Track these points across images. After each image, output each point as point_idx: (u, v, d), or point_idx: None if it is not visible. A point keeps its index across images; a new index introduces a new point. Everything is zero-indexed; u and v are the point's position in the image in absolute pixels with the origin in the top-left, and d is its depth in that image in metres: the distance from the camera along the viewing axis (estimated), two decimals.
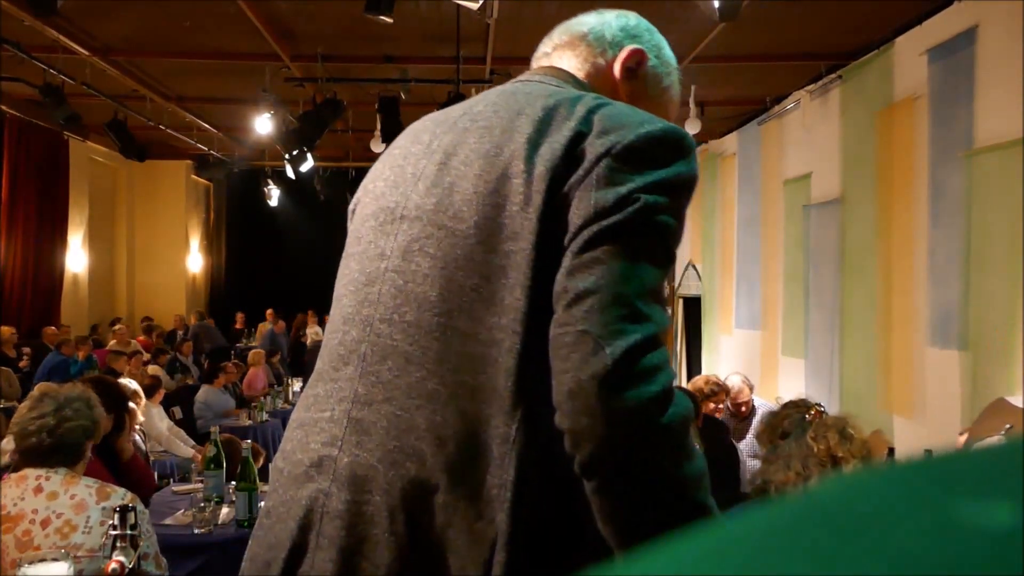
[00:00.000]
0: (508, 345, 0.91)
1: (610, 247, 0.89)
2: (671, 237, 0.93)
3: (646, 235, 0.91)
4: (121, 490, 2.34)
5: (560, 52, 1.19)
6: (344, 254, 1.12)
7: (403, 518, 0.91)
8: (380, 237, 1.05)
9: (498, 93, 1.09)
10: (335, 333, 1.06)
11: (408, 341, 0.97)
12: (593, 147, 0.93)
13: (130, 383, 5.22)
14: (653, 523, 0.85)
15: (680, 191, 0.95)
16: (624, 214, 0.89)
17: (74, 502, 2.25)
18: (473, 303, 0.94)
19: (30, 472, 2.29)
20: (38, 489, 2.26)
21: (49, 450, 2.31)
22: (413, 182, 1.04)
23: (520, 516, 0.88)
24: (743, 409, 5.26)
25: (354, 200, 1.17)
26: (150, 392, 6.14)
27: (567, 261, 0.90)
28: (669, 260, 0.93)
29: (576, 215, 0.91)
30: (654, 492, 0.86)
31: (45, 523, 2.21)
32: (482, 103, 1.08)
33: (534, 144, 0.96)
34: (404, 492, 0.92)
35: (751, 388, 5.41)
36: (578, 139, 0.94)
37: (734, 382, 5.33)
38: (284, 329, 11.90)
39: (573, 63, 1.17)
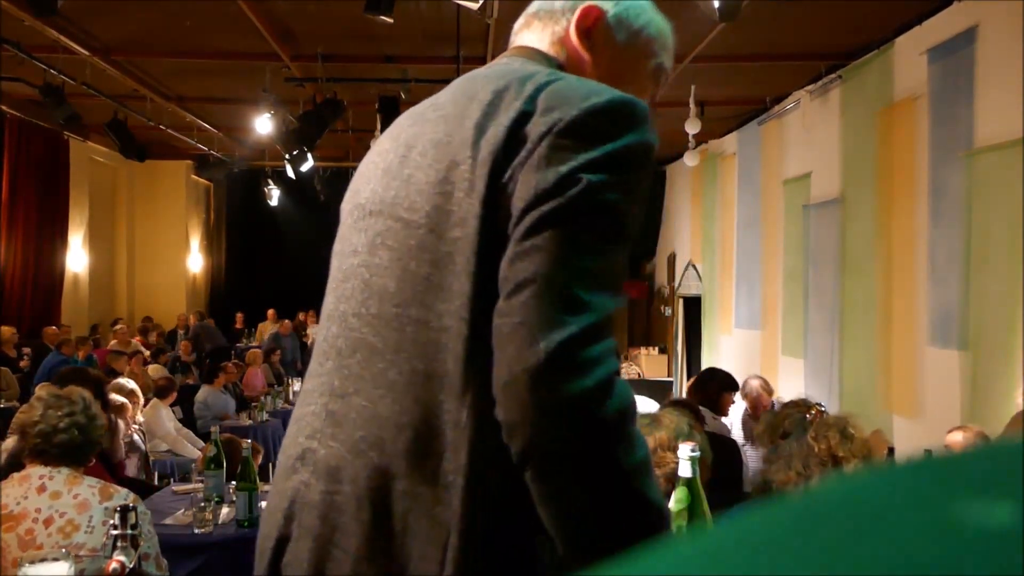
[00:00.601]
0: (456, 331, 0.91)
1: (550, 232, 0.86)
2: (621, 215, 0.90)
3: (590, 216, 0.88)
4: (123, 490, 2.35)
5: (520, 34, 1.18)
6: (332, 254, 1.14)
7: (368, 506, 0.93)
8: (354, 234, 1.07)
9: (460, 80, 1.08)
10: (321, 330, 1.10)
11: (372, 333, 0.99)
12: (536, 127, 0.91)
13: (127, 383, 5.21)
14: (588, 512, 0.85)
15: (631, 164, 0.91)
16: (565, 197, 0.87)
17: (77, 501, 2.25)
18: (425, 291, 0.94)
19: (33, 471, 2.30)
20: (41, 488, 2.26)
21: (77, 447, 2.35)
22: (380, 178, 1.06)
23: (473, 499, 0.89)
24: (760, 411, 5.22)
25: (343, 201, 1.19)
26: (164, 392, 6.13)
27: (510, 248, 0.89)
28: (621, 240, 0.90)
29: (519, 199, 0.89)
30: (588, 483, 0.85)
31: (48, 522, 2.21)
32: (445, 94, 1.07)
33: (481, 128, 0.94)
34: (369, 480, 0.94)
35: (770, 393, 5.38)
36: (523, 120, 0.92)
37: (753, 386, 5.31)
38: (289, 330, 11.67)
39: (533, 39, 1.15)
